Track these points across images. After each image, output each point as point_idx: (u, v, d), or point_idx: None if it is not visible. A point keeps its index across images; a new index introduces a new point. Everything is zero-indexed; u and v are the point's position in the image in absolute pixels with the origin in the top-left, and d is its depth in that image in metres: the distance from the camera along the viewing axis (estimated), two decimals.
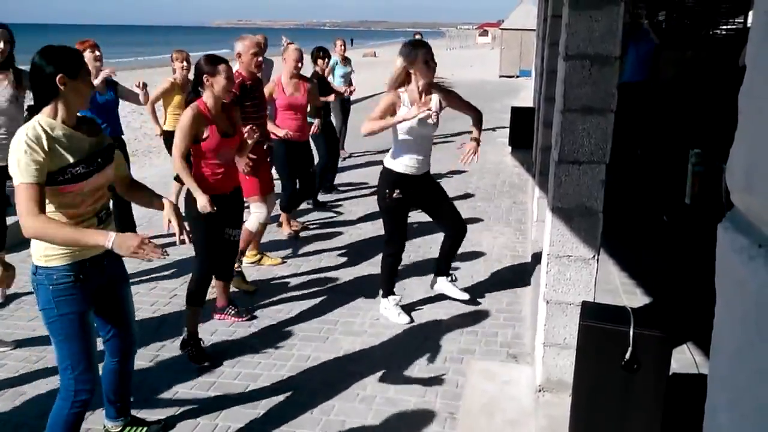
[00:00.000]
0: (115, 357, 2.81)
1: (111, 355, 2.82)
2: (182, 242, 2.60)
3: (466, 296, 4.28)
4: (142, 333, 3.91)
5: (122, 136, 5.28)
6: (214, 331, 4.04)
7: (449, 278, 4.30)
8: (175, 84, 5.89)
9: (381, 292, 4.29)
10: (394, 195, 3.97)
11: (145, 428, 2.99)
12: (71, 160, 2.35)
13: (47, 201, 2.32)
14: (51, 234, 2.27)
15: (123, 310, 2.78)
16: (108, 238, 2.27)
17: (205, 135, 3.58)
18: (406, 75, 3.89)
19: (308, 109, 5.70)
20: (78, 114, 2.48)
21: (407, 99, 3.90)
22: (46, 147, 2.27)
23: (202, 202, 3.48)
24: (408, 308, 4.31)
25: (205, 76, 3.56)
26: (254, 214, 4.80)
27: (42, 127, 2.30)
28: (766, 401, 0.53)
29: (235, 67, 4.64)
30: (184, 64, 5.91)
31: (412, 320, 4.17)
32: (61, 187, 2.34)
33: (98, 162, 2.46)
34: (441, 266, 4.33)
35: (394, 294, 4.27)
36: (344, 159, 8.73)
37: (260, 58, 4.71)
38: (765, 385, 0.53)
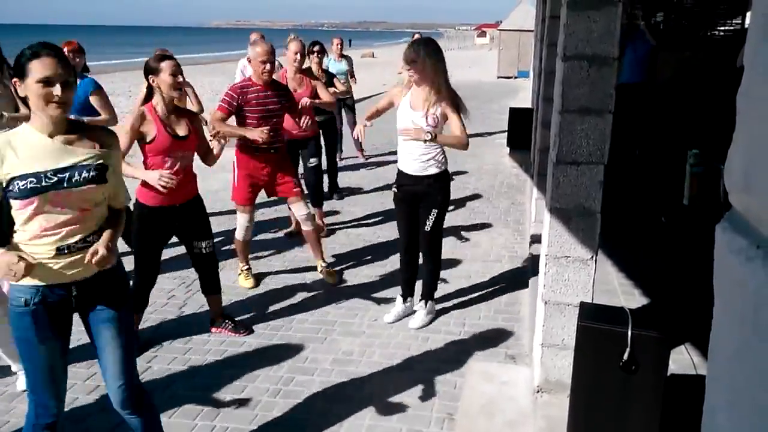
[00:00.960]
0: (120, 410, 2.48)
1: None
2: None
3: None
4: (141, 333, 3.92)
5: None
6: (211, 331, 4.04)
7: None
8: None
9: None
10: (393, 188, 4.09)
11: None
12: (29, 170, 2.13)
13: (24, 222, 2.19)
14: None
15: (105, 353, 2.41)
16: None
17: (150, 137, 3.46)
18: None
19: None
20: (73, 119, 2.34)
21: (408, 97, 3.88)
22: None
23: (154, 176, 3.36)
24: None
25: (150, 77, 3.43)
26: (237, 223, 4.70)
27: (4, 135, 2.16)
28: (764, 402, 0.53)
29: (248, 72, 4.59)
30: None
31: (396, 321, 4.17)
32: (23, 200, 2.14)
33: (76, 177, 2.20)
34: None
35: (405, 297, 4.25)
36: (341, 159, 8.72)
37: (269, 66, 4.50)
38: (763, 386, 0.53)
